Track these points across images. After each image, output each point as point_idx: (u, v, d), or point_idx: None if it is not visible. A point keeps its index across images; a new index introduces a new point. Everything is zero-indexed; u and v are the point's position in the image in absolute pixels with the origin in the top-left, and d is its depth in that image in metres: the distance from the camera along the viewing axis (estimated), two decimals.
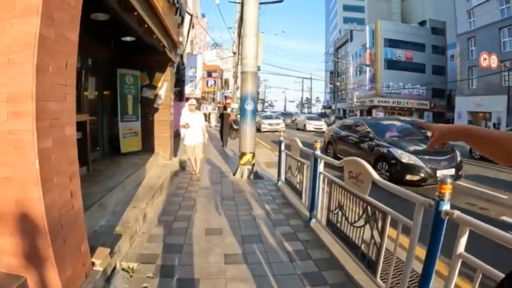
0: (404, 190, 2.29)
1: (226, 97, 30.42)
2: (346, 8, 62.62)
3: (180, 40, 8.27)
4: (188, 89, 19.00)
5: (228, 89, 35.02)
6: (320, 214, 3.89)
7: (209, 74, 27.79)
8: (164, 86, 7.37)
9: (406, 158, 6.71)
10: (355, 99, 42.42)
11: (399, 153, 6.87)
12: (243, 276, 2.84)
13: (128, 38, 5.88)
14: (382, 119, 11.62)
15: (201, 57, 21.94)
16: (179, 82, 15.32)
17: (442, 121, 31.00)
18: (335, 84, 55.99)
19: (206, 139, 7.01)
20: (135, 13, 4.05)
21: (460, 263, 1.85)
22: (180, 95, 15.89)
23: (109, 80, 6.69)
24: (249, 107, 7.12)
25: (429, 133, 1.18)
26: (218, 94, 34.71)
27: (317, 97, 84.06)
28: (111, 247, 2.91)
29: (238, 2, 16.21)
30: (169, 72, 7.50)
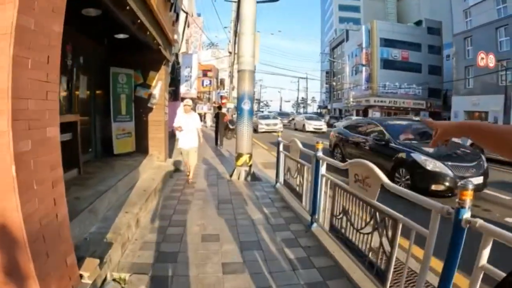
0: (419, 196, 2.11)
1: (222, 97, 30.16)
2: (342, 8, 62.77)
3: (175, 38, 8.05)
4: (184, 89, 18.78)
5: (224, 89, 34.87)
6: (322, 219, 3.71)
7: (205, 74, 27.59)
8: (159, 85, 7.17)
9: (431, 165, 5.75)
10: (351, 99, 42.43)
11: (423, 159, 5.87)
12: None
13: (121, 36, 5.69)
14: (396, 119, 10.06)
15: (197, 56, 21.70)
16: (174, 82, 15.11)
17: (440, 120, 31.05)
18: (331, 84, 56.14)
19: (201, 142, 6.64)
20: (127, 8, 3.84)
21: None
22: (176, 95, 15.68)
23: (102, 79, 6.47)
24: (246, 107, 6.91)
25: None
26: (214, 94, 34.53)
27: (313, 97, 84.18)
28: (101, 257, 2.72)
29: (234, 1, 16.00)
30: (164, 71, 7.30)
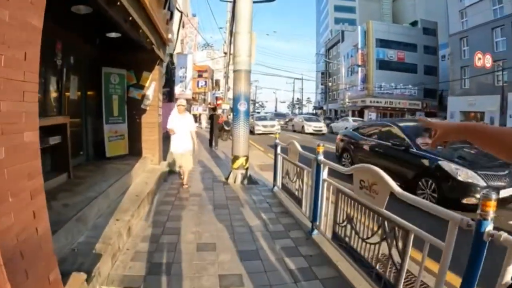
0: (435, 206, 1.94)
1: (217, 98, 29.89)
2: (337, 9, 62.87)
3: (170, 38, 7.84)
4: (178, 90, 18.54)
5: (219, 90, 34.61)
6: (324, 226, 3.53)
7: (200, 75, 27.34)
8: (152, 86, 6.96)
9: (463, 175, 5.02)
10: (347, 100, 42.39)
11: (453, 168, 5.12)
12: None
13: (113, 34, 5.49)
14: (413, 121, 8.17)
15: (192, 57, 21.47)
16: (169, 82, 14.92)
17: None
18: (327, 85, 56.02)
19: (196, 145, 6.26)
20: (118, 3, 3.64)
21: None
22: (170, 96, 15.48)
23: (93, 79, 6.25)
24: (242, 108, 6.71)
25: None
26: (209, 95, 34.28)
27: (308, 98, 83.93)
28: (89, 270, 2.52)
29: (230, 1, 15.81)
30: (158, 71, 7.09)
